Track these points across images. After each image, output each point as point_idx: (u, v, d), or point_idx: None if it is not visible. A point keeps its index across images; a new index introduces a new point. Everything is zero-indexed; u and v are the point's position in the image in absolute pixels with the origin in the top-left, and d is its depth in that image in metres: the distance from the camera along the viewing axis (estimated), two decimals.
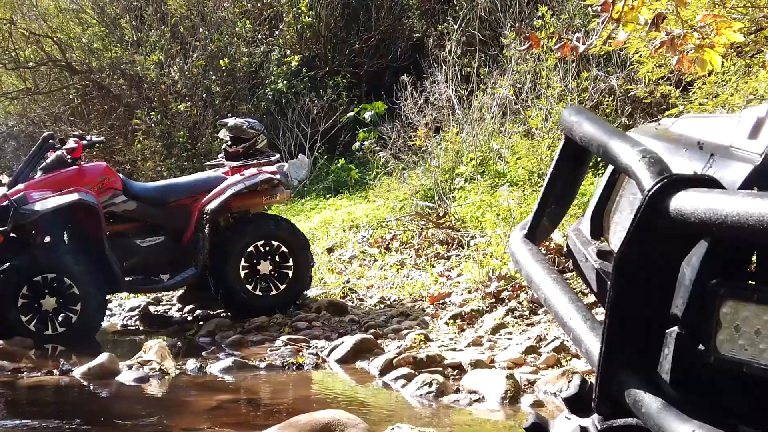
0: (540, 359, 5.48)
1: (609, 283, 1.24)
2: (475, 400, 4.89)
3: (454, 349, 6.04)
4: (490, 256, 7.39)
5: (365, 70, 15.31)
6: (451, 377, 5.38)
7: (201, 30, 15.32)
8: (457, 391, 5.07)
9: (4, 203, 7.02)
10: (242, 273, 7.60)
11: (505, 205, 8.21)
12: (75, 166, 7.33)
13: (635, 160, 1.17)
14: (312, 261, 7.98)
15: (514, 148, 9.57)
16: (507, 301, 6.75)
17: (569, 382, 1.55)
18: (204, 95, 14.83)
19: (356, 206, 11.21)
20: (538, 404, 4.73)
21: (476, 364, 5.48)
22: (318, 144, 13.99)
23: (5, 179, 7.48)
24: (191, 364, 6.01)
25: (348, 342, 6.22)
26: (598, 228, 1.40)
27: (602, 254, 1.34)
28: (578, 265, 1.39)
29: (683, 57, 3.79)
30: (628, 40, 5.52)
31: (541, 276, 1.35)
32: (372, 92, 14.69)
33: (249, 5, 16.04)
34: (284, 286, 7.71)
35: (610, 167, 1.36)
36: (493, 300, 6.85)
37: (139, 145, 14.65)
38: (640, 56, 6.88)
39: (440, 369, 5.49)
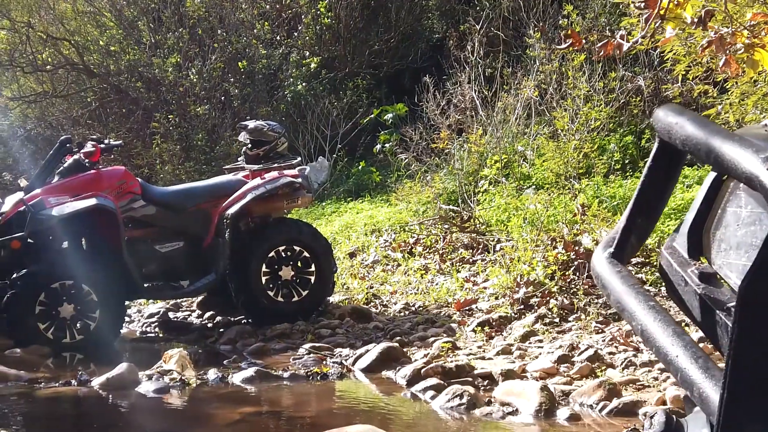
0: (573, 369, 5.28)
1: (718, 313, 1.06)
2: (509, 413, 4.70)
3: (483, 358, 5.85)
4: (518, 261, 7.19)
5: (385, 72, 15.16)
6: (482, 388, 5.19)
7: (219, 32, 15.20)
8: (489, 403, 4.88)
9: (21, 208, 6.90)
10: (263, 279, 7.44)
11: (532, 208, 8.02)
12: (93, 171, 7.18)
13: (762, 168, 0.99)
14: (335, 266, 7.81)
15: (540, 150, 9.38)
16: (536, 307, 6.56)
17: (651, 417, 1.37)
18: (222, 98, 14.72)
19: (378, 210, 11.04)
20: (574, 417, 4.53)
21: (507, 375, 5.29)
22: (338, 147, 13.83)
23: (23, 183, 7.35)
24: (212, 373, 5.84)
25: (373, 350, 6.04)
26: (697, 246, 1.21)
27: (705, 277, 1.15)
28: (674, 290, 1.20)
29: (731, 57, 3.60)
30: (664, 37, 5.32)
31: (636, 304, 1.16)
32: (392, 94, 14.53)
33: (267, 7, 15.90)
34: (306, 292, 7.55)
35: (710, 176, 1.17)
36: (522, 306, 6.66)
37: (157, 149, 14.54)
38: (675, 54, 6.67)
39: (470, 379, 5.30)
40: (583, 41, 3.59)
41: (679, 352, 1.05)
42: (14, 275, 6.73)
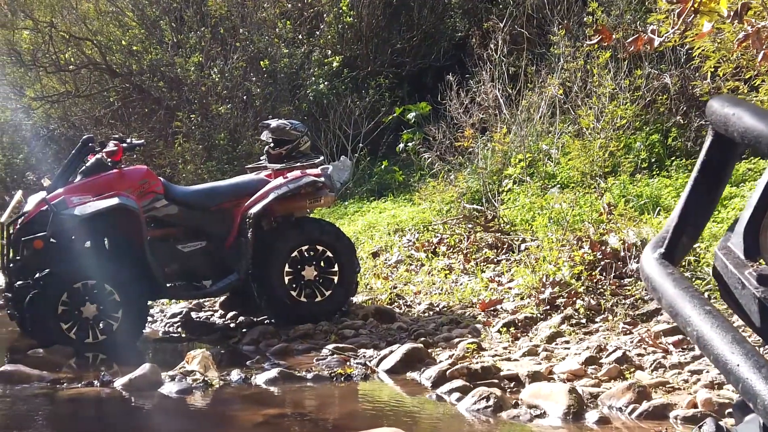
0: (601, 371, 5.20)
1: None
2: (536, 416, 4.62)
3: (508, 359, 5.78)
4: (543, 261, 7.10)
5: (407, 71, 15.09)
6: (508, 390, 5.12)
7: (241, 31, 15.17)
8: (516, 405, 4.80)
9: (44, 208, 6.87)
10: (286, 279, 7.39)
11: (557, 207, 7.93)
12: (115, 170, 7.15)
13: None
14: (358, 266, 7.75)
15: (565, 149, 9.29)
16: (562, 308, 6.47)
17: (700, 428, 1.29)
18: (244, 97, 14.69)
19: (401, 209, 10.98)
20: (604, 421, 4.45)
21: (534, 376, 5.21)
22: (360, 146, 13.77)
23: (46, 183, 7.32)
24: (235, 374, 5.80)
25: (397, 351, 5.97)
26: (755, 246, 1.13)
27: (764, 279, 1.08)
28: (730, 293, 1.13)
29: None
30: (691, 33, 5.22)
31: (691, 309, 1.08)
32: (415, 93, 14.46)
33: (289, 6, 15.86)
34: (329, 292, 7.49)
35: (767, 172, 1.10)
36: (548, 307, 6.58)
37: (179, 148, 14.53)
38: (704, 51, 6.56)
39: (496, 381, 5.23)
40: (613, 36, 3.50)
41: (741, 361, 0.97)
42: (37, 275, 6.71)
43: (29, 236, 6.85)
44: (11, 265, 7.10)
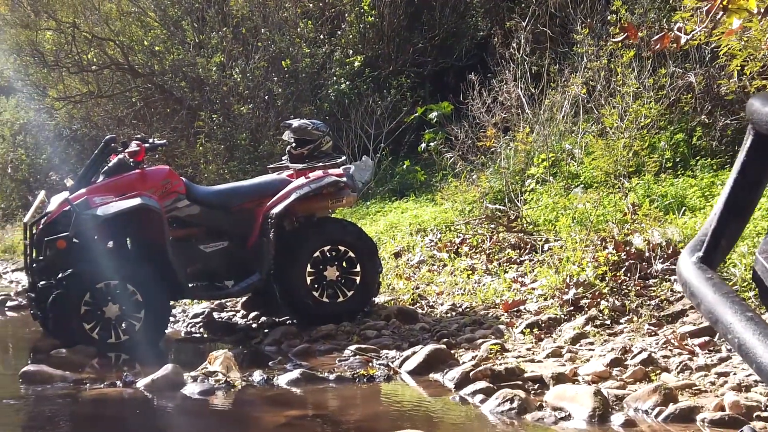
0: (626, 373, 5.14)
1: None
2: (561, 418, 4.57)
3: (532, 361, 5.73)
4: (566, 261, 7.05)
5: (429, 70, 15.05)
6: (533, 392, 5.07)
7: (263, 31, 15.16)
8: (541, 407, 4.75)
9: (67, 208, 6.88)
10: (308, 279, 7.37)
11: (581, 207, 7.87)
12: (137, 170, 7.14)
13: None
14: (380, 266, 7.72)
15: (588, 149, 9.22)
16: (586, 309, 6.41)
17: None
18: (266, 97, 14.68)
19: (423, 209, 10.94)
20: (629, 423, 4.39)
21: (558, 378, 5.16)
22: (382, 146, 13.74)
23: (69, 183, 7.33)
24: (258, 375, 5.77)
25: (420, 352, 5.93)
26: None
27: None
28: None
29: None
30: (718, 31, 5.16)
31: (732, 315, 1.04)
32: (436, 92, 14.41)
33: (311, 5, 15.85)
34: (352, 292, 7.46)
35: None
36: (571, 308, 6.52)
37: (201, 148, 14.54)
38: (730, 49, 6.49)
39: (520, 383, 5.18)
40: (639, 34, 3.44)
41: None
42: (59, 275, 6.72)
43: (52, 236, 6.86)
44: (34, 265, 7.12)
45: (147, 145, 7.35)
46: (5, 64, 19.26)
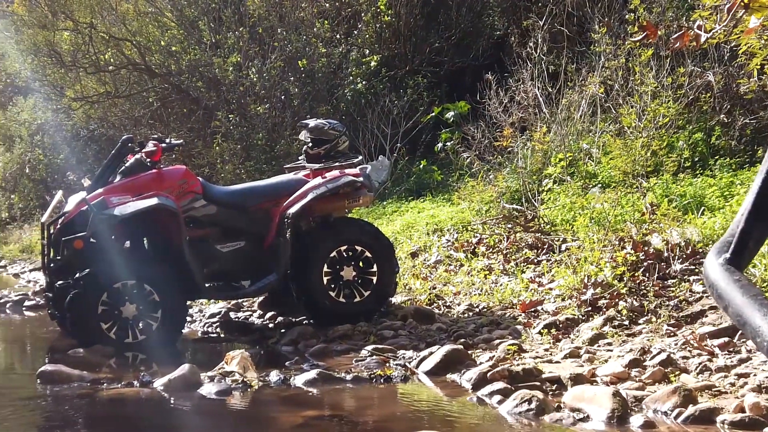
0: (645, 374, 5.10)
1: None
2: (580, 420, 4.54)
3: (550, 361, 5.70)
4: (584, 261, 7.01)
5: (446, 70, 15.02)
6: (550, 393, 5.04)
7: (279, 31, 15.17)
8: (559, 408, 4.72)
9: (84, 208, 6.89)
10: (325, 279, 7.36)
11: (598, 207, 7.83)
12: (154, 170, 7.15)
13: None
14: (397, 266, 7.70)
15: (606, 148, 9.17)
16: (604, 309, 6.37)
17: None
18: (282, 97, 14.68)
19: (440, 209, 10.91)
20: (648, 425, 4.35)
21: (576, 379, 5.13)
22: (398, 145, 13.72)
23: (86, 183, 7.34)
24: (274, 375, 5.76)
25: (437, 353, 5.91)
26: None
27: None
28: None
29: None
30: (737, 30, 5.12)
31: (761, 318, 1.02)
32: (453, 92, 14.38)
33: (327, 5, 15.85)
34: (368, 292, 7.45)
35: None
36: (589, 308, 6.48)
37: (218, 148, 14.55)
38: (750, 48, 6.44)
39: (538, 384, 5.15)
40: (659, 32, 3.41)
41: None
42: (77, 275, 6.73)
43: (69, 236, 6.87)
44: (52, 264, 7.13)
45: (164, 145, 7.35)
46: (23, 64, 19.33)
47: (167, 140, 7.55)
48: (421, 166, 13.17)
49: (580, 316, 6.41)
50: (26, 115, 22.63)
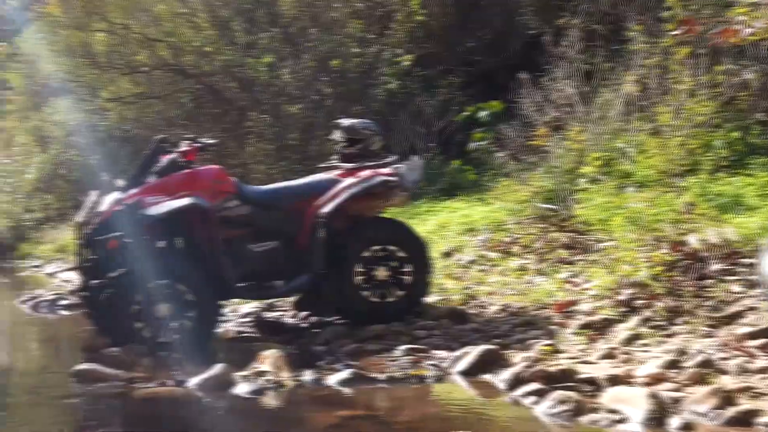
0: (683, 375, 5.05)
1: None
2: (616, 421, 4.50)
3: (585, 362, 5.66)
4: (620, 261, 6.94)
5: (479, 69, 14.94)
6: (586, 394, 4.99)
7: (312, 31, 15.17)
8: (595, 410, 4.67)
9: (119, 208, 6.92)
10: (358, 279, 7.34)
11: (634, 206, 7.76)
12: (188, 170, 7.17)
13: None
14: (430, 266, 7.66)
15: (641, 147, 9.08)
16: (641, 310, 6.31)
17: None
18: (315, 97, 14.68)
19: (473, 209, 10.85)
20: (687, 426, 4.31)
21: (613, 380, 5.09)
22: (432, 145, 13.68)
23: (121, 183, 7.37)
24: (308, 375, 5.76)
25: (472, 353, 5.88)
26: None
27: None
28: None
29: None
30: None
31: None
32: (486, 91, 14.30)
33: (360, 5, 15.82)
34: (402, 292, 7.42)
35: None
36: (626, 309, 6.42)
37: (251, 148, 14.58)
38: None
39: (573, 384, 5.11)
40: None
41: None
42: (111, 275, 6.75)
43: (104, 236, 6.90)
44: (86, 264, 7.16)
45: (198, 145, 7.37)
46: (58, 65, 19.47)
47: (201, 140, 7.56)
48: (455, 165, 13.12)
49: (616, 317, 6.36)
50: (61, 116, 22.79)
